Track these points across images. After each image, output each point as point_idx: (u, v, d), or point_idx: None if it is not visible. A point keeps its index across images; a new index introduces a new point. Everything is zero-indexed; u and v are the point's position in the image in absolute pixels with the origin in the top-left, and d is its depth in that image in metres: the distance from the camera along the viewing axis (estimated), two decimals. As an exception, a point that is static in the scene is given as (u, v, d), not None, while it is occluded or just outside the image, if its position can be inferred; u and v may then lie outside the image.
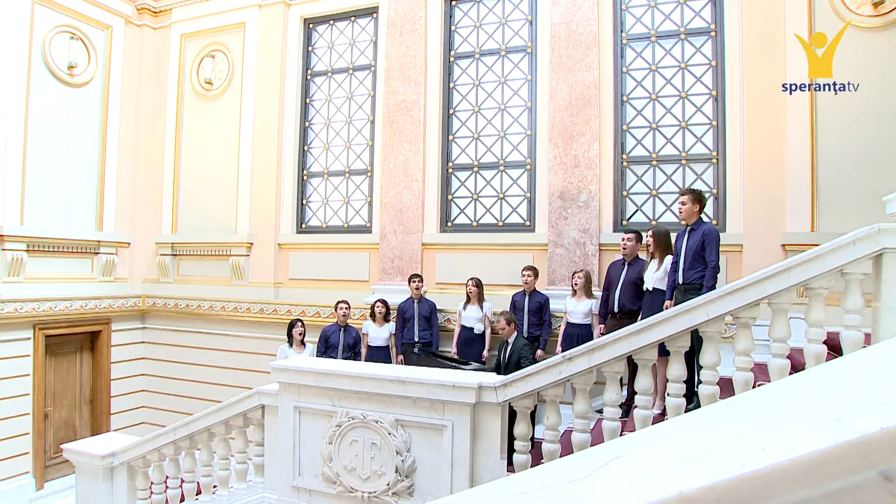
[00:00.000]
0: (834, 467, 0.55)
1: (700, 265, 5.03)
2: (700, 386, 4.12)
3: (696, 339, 4.16)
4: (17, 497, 7.79)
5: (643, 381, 3.96)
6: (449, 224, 7.90)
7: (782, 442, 0.58)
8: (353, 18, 8.79)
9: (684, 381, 4.09)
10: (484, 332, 6.80)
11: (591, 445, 4.11)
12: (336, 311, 7.27)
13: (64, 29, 8.49)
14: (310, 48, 9.05)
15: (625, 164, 7.11)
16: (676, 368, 3.93)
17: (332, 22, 8.93)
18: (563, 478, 0.75)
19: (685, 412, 4.53)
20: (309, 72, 9.02)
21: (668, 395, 3.95)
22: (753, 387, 3.71)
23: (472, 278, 6.87)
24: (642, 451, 0.76)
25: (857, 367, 0.73)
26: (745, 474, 0.57)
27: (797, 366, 3.86)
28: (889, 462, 0.54)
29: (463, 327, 6.85)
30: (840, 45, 6.15)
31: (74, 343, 8.79)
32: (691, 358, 4.60)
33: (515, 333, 6.01)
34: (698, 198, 5.29)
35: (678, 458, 0.64)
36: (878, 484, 0.54)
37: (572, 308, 6.31)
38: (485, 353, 6.71)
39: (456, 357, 6.71)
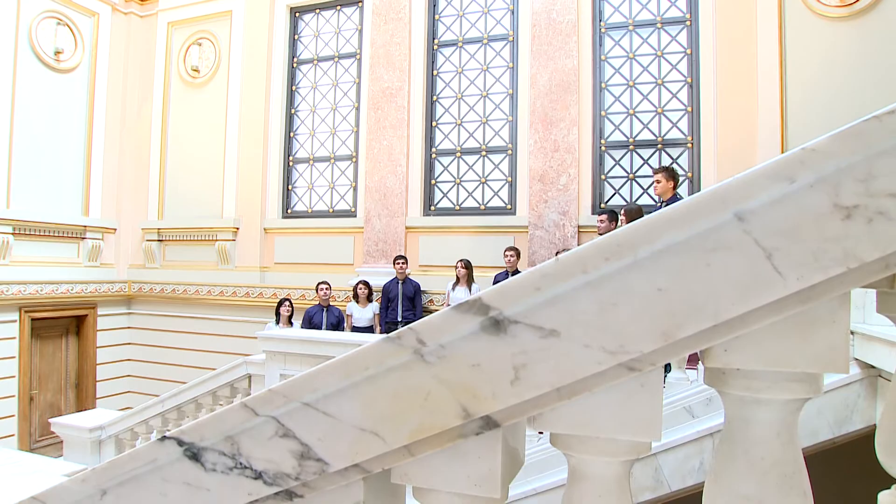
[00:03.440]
0: (702, 210, 0.72)
1: (673, 239, 5.23)
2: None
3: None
4: (2, 478, 7.82)
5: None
6: (432, 208, 8.07)
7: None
8: (338, 7, 8.93)
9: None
10: None
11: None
12: (317, 291, 7.41)
13: (50, 14, 8.54)
14: (296, 36, 9.18)
15: (603, 148, 7.33)
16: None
17: (317, 11, 9.06)
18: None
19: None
20: (295, 60, 9.15)
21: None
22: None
23: (461, 260, 7.03)
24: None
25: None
26: (642, 222, 0.75)
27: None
28: (740, 204, 0.71)
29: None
30: (807, 35, 6.42)
31: (60, 327, 8.83)
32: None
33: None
34: (672, 175, 5.52)
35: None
36: (733, 223, 0.72)
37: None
38: None
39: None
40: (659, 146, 7.15)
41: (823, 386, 0.80)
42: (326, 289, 7.38)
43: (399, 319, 7.16)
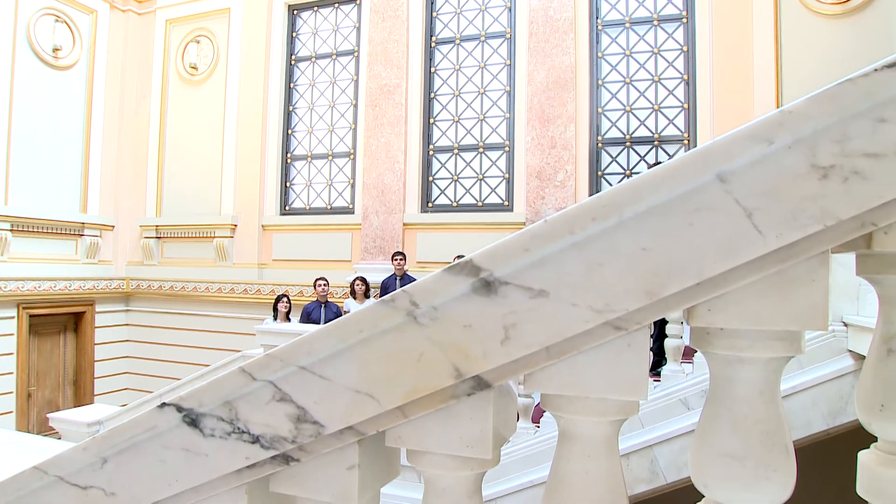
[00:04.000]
0: (685, 171, 0.75)
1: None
2: (666, 340, 4.36)
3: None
4: (0, 475, 7.82)
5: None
6: (430, 204, 8.11)
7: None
8: (336, 5, 8.96)
9: (651, 336, 4.32)
10: None
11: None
12: (315, 288, 7.43)
13: (49, 11, 8.56)
14: (294, 34, 9.21)
15: (600, 145, 7.36)
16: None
17: (315, 8, 9.09)
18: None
19: (654, 370, 4.77)
20: (293, 57, 9.18)
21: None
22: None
23: (458, 256, 7.05)
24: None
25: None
26: (627, 183, 0.78)
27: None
28: (721, 165, 0.74)
29: (449, 303, 7.03)
30: (803, 32, 6.46)
31: (58, 323, 8.84)
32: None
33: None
34: (667, 171, 5.55)
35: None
36: (715, 183, 0.75)
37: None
38: None
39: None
40: (655, 143, 7.18)
41: (805, 345, 0.83)
42: (324, 285, 7.40)
43: (397, 315, 7.16)
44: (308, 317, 7.31)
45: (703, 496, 0.88)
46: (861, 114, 0.71)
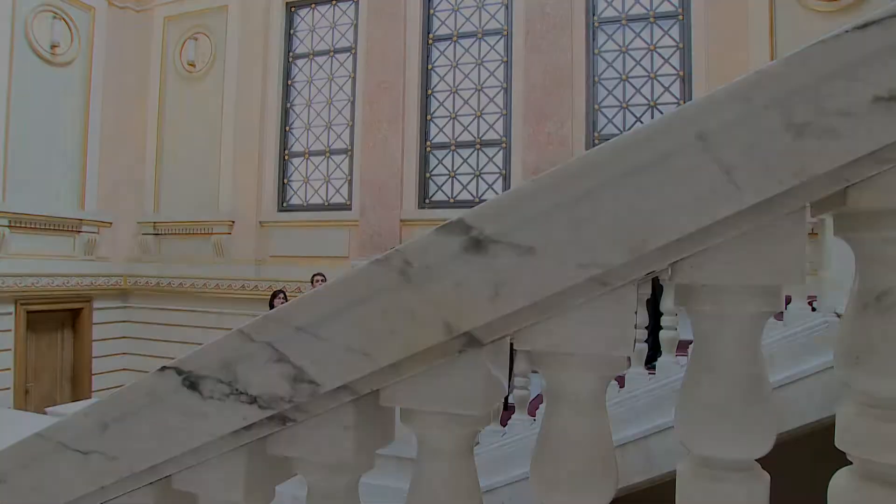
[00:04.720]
0: (666, 130, 0.78)
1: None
2: (661, 332, 4.40)
3: (658, 288, 4.46)
4: (-3, 471, 7.83)
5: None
6: (427, 201, 8.14)
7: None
8: (334, 2, 8.99)
9: (646, 328, 4.37)
10: None
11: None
12: (313, 283, 7.47)
13: (46, 8, 8.57)
14: (292, 31, 9.24)
15: (597, 141, 7.40)
16: (640, 315, 4.20)
17: (313, 6, 9.12)
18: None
19: (649, 363, 4.81)
20: (291, 54, 9.20)
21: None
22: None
23: None
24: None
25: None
26: (611, 143, 0.81)
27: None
28: (701, 124, 0.77)
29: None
30: (798, 29, 6.50)
31: (56, 320, 8.86)
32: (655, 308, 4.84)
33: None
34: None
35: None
36: (695, 142, 0.78)
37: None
38: None
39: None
40: (652, 139, 7.21)
41: (783, 301, 0.86)
42: (322, 280, 7.42)
43: (394, 311, 7.19)
44: (306, 312, 7.33)
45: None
46: (833, 74, 0.74)
